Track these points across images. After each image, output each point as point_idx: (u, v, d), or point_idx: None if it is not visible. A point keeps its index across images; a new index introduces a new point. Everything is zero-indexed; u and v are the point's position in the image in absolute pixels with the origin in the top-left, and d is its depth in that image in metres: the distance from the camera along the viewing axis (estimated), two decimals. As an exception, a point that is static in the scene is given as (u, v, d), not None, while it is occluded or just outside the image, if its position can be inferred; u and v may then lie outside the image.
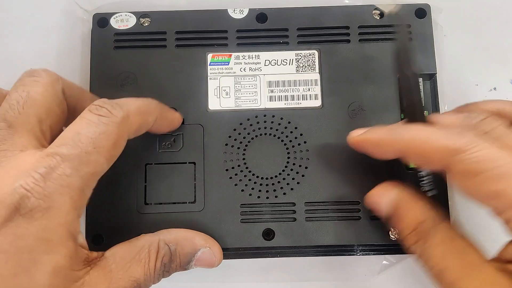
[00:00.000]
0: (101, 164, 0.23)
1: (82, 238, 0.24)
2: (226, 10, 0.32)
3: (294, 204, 0.29)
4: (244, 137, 0.30)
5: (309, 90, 0.31)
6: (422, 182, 0.26)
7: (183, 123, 0.30)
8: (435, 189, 0.26)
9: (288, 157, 0.30)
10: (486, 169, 0.21)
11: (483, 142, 0.22)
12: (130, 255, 0.24)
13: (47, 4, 0.35)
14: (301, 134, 0.30)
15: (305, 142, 0.30)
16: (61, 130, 0.23)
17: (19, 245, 0.20)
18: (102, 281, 0.23)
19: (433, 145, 0.23)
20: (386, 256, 0.31)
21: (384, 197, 0.26)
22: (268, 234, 0.29)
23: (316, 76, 0.31)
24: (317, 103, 0.30)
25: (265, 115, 0.30)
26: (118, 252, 0.24)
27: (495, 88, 0.34)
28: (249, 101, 0.30)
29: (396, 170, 0.29)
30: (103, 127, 0.23)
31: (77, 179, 0.22)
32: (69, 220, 0.22)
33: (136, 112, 0.25)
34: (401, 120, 0.30)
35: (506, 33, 0.35)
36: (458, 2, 0.35)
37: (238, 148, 0.30)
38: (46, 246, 0.21)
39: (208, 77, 0.31)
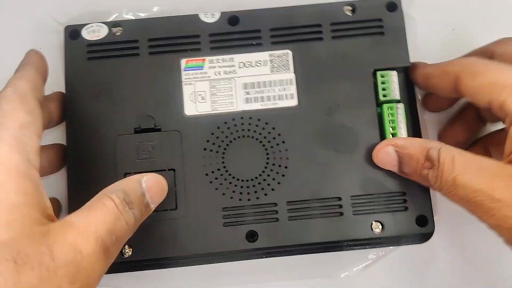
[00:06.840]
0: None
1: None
2: (197, 15, 0.31)
3: (276, 204, 0.29)
4: (222, 141, 0.30)
5: (284, 89, 0.31)
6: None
7: (159, 130, 0.30)
8: None
9: (268, 158, 0.30)
10: None
11: None
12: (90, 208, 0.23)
13: (21, 17, 0.35)
14: (279, 134, 0.30)
15: (283, 142, 0.30)
16: None
17: None
18: (69, 231, 0.21)
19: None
20: (372, 250, 0.31)
21: (385, 151, 0.28)
22: (252, 236, 0.29)
23: (291, 75, 0.31)
24: (294, 102, 0.31)
25: (242, 118, 0.30)
26: (78, 212, 0.23)
27: None
28: (226, 105, 0.30)
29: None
30: None
31: None
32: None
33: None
34: (377, 114, 0.30)
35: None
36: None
37: (217, 152, 0.30)
38: None
39: (183, 83, 0.31)
